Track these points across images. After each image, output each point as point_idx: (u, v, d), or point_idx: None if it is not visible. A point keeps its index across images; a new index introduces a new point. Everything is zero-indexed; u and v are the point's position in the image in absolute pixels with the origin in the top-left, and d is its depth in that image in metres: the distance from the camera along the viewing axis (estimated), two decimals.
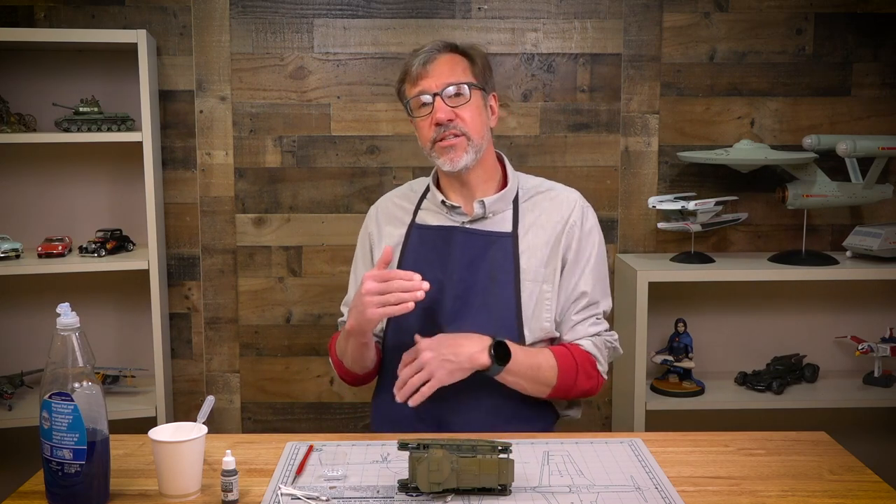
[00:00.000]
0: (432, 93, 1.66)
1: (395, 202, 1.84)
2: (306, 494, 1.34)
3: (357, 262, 1.87)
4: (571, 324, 1.72)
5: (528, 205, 1.75)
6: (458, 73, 1.68)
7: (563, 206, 1.75)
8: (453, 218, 1.74)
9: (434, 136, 1.67)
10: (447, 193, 1.76)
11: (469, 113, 1.67)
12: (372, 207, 1.89)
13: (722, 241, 2.73)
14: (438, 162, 1.70)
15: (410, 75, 1.70)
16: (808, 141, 2.55)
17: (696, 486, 1.38)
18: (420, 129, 1.71)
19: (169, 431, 1.36)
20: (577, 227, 1.73)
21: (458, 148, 1.66)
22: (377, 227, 1.82)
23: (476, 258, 1.69)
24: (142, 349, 2.65)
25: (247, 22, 2.61)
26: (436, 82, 1.67)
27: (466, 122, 1.66)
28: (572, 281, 1.72)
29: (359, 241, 1.88)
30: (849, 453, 1.52)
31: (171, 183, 2.65)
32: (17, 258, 2.45)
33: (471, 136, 1.67)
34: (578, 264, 1.73)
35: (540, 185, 1.80)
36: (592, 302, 1.73)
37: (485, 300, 1.67)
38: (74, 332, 1.27)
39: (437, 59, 1.68)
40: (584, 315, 1.72)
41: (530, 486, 1.37)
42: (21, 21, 2.55)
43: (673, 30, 2.64)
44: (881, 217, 2.73)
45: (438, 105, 1.65)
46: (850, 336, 2.69)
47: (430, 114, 1.67)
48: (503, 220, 1.73)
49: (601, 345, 1.73)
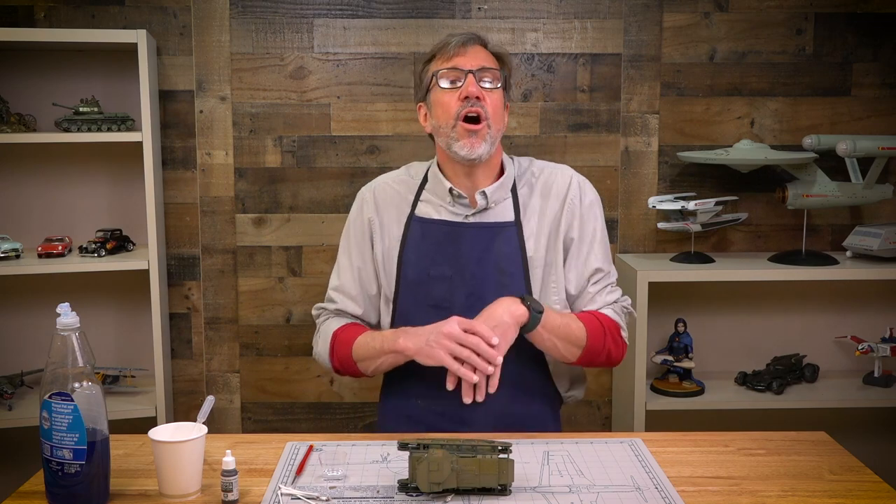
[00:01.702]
0: (467, 69, 1.66)
1: (393, 187, 1.79)
2: (306, 494, 1.34)
3: (351, 247, 1.79)
4: (590, 296, 1.74)
5: (525, 191, 1.75)
6: (490, 62, 1.70)
7: (558, 186, 1.75)
8: (456, 211, 1.72)
9: (459, 109, 1.65)
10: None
11: (493, 101, 1.67)
12: (365, 190, 1.82)
13: (722, 241, 2.73)
14: (457, 146, 1.66)
15: (445, 52, 1.69)
16: (808, 141, 2.55)
17: (696, 486, 1.38)
18: (443, 105, 1.67)
19: (169, 431, 1.36)
20: (576, 205, 1.73)
21: (480, 135, 1.65)
22: (376, 214, 1.77)
23: (484, 251, 1.69)
24: (142, 349, 2.65)
25: (247, 22, 2.61)
26: (471, 62, 1.67)
27: (490, 108, 1.66)
28: (582, 259, 1.73)
29: (353, 223, 1.80)
30: (849, 453, 1.52)
31: (171, 183, 2.65)
32: (17, 258, 2.45)
33: (491, 124, 1.66)
34: (585, 241, 1.73)
35: (531, 166, 1.79)
36: (605, 273, 1.76)
37: (496, 293, 1.66)
38: (74, 332, 1.27)
39: (474, 45, 1.70)
40: (600, 286, 1.75)
41: (530, 486, 1.37)
42: (21, 21, 2.55)
43: (673, 30, 2.64)
44: (881, 217, 2.73)
45: (470, 80, 1.65)
46: (850, 336, 2.69)
47: (458, 87, 1.66)
48: (504, 209, 1.72)
49: (620, 311, 1.77)
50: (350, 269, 1.79)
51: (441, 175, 1.74)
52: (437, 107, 1.69)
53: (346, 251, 1.81)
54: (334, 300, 1.80)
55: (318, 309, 1.84)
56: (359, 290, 1.78)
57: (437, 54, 1.71)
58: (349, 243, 1.80)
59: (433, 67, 1.71)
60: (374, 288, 1.77)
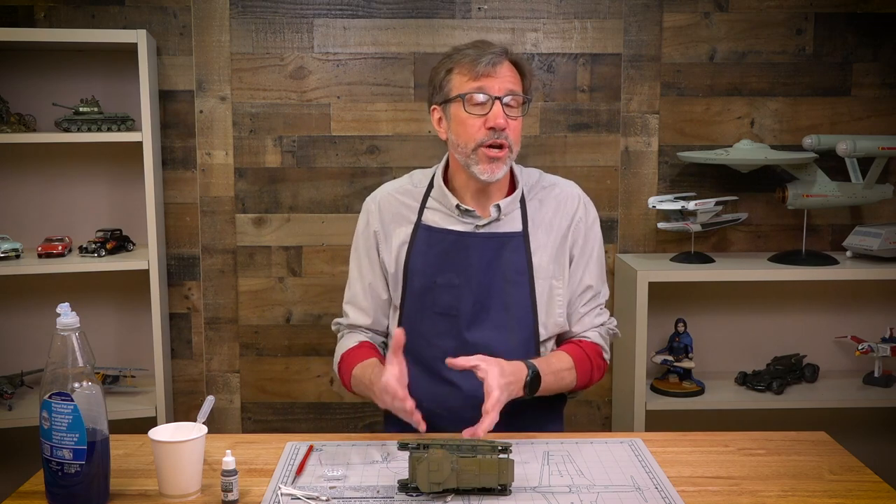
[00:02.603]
0: (494, 96, 1.63)
1: (398, 198, 1.79)
2: (306, 494, 1.34)
3: (361, 258, 1.81)
4: (579, 316, 1.77)
5: (534, 202, 1.75)
6: (516, 84, 1.67)
7: (567, 203, 1.77)
8: (465, 220, 1.71)
9: (483, 139, 1.63)
10: (461, 196, 1.73)
11: (516, 126, 1.66)
12: (370, 201, 1.82)
13: (722, 241, 2.73)
14: (476, 169, 1.65)
15: (474, 71, 1.63)
16: (808, 141, 2.55)
17: (696, 486, 1.38)
18: (466, 127, 1.64)
19: (169, 431, 1.36)
20: (582, 223, 1.76)
21: (502, 160, 1.65)
22: (381, 225, 1.77)
23: (492, 261, 1.69)
24: (142, 349, 2.65)
25: (247, 22, 2.61)
26: (500, 85, 1.63)
27: (512, 135, 1.65)
28: (578, 275, 1.76)
29: (360, 236, 1.81)
30: (849, 453, 1.52)
31: (171, 183, 2.65)
32: (17, 258, 2.45)
33: (513, 149, 1.66)
34: (583, 258, 1.76)
35: (541, 179, 1.80)
36: (596, 293, 1.79)
37: (503, 302, 1.68)
38: (74, 332, 1.27)
39: (503, 64, 1.65)
40: (590, 307, 1.78)
41: (530, 486, 1.37)
42: (21, 21, 2.55)
43: (673, 30, 2.64)
44: (881, 217, 2.73)
45: (497, 111, 1.62)
46: (850, 336, 2.69)
47: (484, 114, 1.63)
48: (513, 219, 1.73)
49: (605, 334, 1.81)
50: (360, 280, 1.80)
51: (446, 189, 1.73)
52: (458, 125, 1.67)
53: (356, 263, 1.82)
54: (347, 314, 1.83)
55: (336, 324, 1.87)
56: (369, 302, 1.79)
57: (463, 67, 1.65)
58: (358, 255, 1.82)
59: (457, 81, 1.66)
60: (385, 295, 1.79)
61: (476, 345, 1.66)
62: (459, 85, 1.65)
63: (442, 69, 1.70)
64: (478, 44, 1.69)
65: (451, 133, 1.69)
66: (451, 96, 1.67)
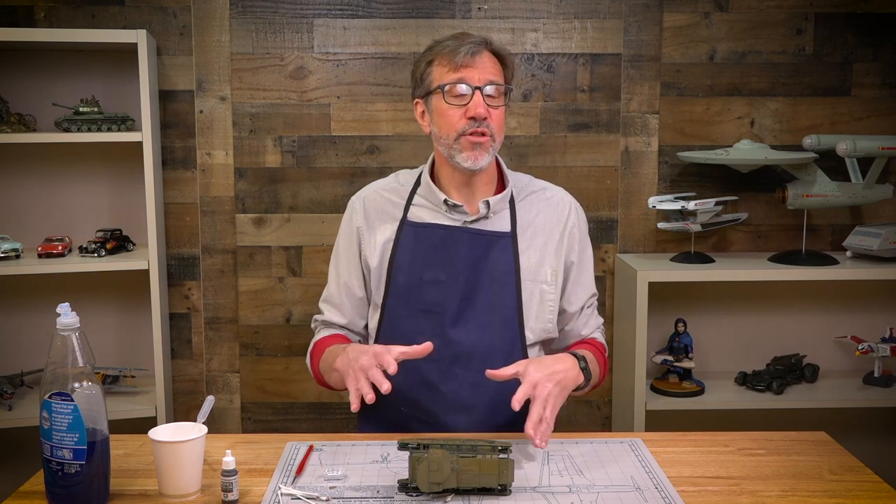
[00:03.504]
0: (474, 86, 1.63)
1: (383, 195, 1.78)
2: (306, 494, 1.34)
3: (339, 256, 1.80)
4: (585, 318, 1.81)
5: (523, 204, 1.75)
6: (497, 74, 1.67)
7: (558, 208, 1.77)
8: (453, 217, 1.71)
9: (464, 128, 1.63)
10: (447, 191, 1.73)
11: (498, 116, 1.66)
12: (356, 199, 1.80)
13: (722, 241, 2.73)
14: (460, 157, 1.65)
15: (453, 62, 1.63)
16: (808, 141, 2.55)
17: (696, 486, 1.38)
18: (447, 117, 1.65)
19: (169, 431, 1.35)
20: (576, 230, 1.77)
21: (484, 146, 1.64)
22: (366, 222, 1.76)
23: (479, 258, 1.69)
24: (142, 349, 2.65)
25: (247, 22, 2.61)
26: (479, 76, 1.63)
27: (494, 123, 1.65)
28: (582, 282, 1.79)
29: (342, 234, 1.80)
30: (849, 453, 1.52)
31: (171, 183, 2.65)
32: (17, 258, 2.45)
33: (495, 138, 1.66)
34: (584, 265, 1.79)
35: (531, 183, 1.80)
36: (595, 295, 1.84)
37: (489, 300, 1.67)
38: (74, 332, 1.27)
39: (482, 54, 1.65)
40: (592, 309, 1.83)
41: (530, 486, 1.37)
42: (21, 21, 2.55)
43: (673, 30, 2.64)
44: (881, 217, 2.74)
45: (478, 100, 1.62)
46: (850, 336, 2.69)
47: (464, 104, 1.63)
48: (501, 219, 1.72)
49: (603, 332, 1.87)
50: (336, 278, 1.80)
51: (434, 185, 1.73)
52: (439, 116, 1.67)
53: (335, 261, 1.82)
54: (322, 311, 1.83)
55: (315, 321, 1.86)
56: (343, 300, 1.78)
57: (443, 58, 1.65)
58: (338, 253, 1.81)
59: (437, 73, 1.66)
60: (361, 293, 1.77)
61: (460, 342, 1.65)
62: (440, 76, 1.66)
63: (422, 62, 1.70)
64: (457, 35, 1.69)
65: (433, 125, 1.69)
66: (431, 88, 1.67)
